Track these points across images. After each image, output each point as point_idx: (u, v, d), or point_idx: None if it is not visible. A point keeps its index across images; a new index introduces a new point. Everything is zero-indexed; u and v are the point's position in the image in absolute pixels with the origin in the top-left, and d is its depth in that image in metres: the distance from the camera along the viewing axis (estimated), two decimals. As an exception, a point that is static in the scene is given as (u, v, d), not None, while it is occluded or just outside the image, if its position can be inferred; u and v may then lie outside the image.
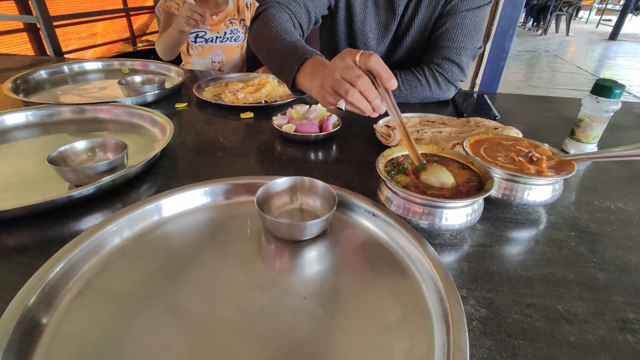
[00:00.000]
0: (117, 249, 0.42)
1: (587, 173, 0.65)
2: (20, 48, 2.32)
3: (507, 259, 0.44)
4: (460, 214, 0.43)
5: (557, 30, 7.88)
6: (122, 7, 2.98)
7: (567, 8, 7.44)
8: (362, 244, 0.44)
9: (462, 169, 0.50)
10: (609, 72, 4.89)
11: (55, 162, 0.54)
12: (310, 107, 0.77)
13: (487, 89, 1.92)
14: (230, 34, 1.47)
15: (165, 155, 0.65)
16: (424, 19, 0.90)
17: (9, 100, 0.83)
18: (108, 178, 0.51)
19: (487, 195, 0.43)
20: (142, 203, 0.46)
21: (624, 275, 0.42)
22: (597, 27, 8.99)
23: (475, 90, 1.89)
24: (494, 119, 0.82)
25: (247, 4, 1.49)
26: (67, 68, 1.09)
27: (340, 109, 0.54)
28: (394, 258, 0.42)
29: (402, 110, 0.81)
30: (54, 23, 2.02)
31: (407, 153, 0.52)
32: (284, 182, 0.49)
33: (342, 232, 0.46)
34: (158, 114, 0.72)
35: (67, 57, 2.16)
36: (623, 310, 0.37)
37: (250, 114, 0.84)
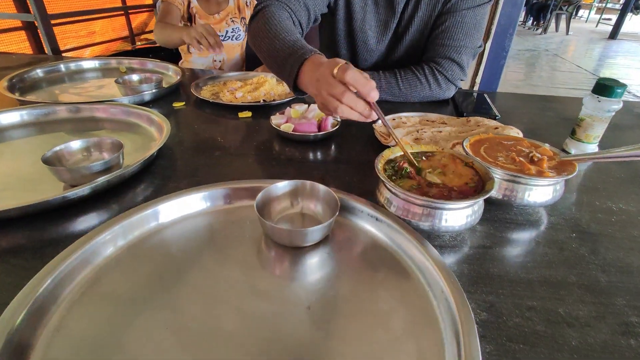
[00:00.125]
0: (111, 259, 0.40)
1: (588, 173, 0.64)
2: (19, 46, 2.31)
3: (507, 261, 0.43)
4: (461, 215, 0.43)
5: (557, 29, 7.87)
6: (120, 5, 2.96)
7: (567, 7, 7.43)
8: (365, 250, 0.43)
9: (465, 166, 0.49)
10: (609, 71, 4.88)
11: (50, 162, 0.53)
12: (309, 106, 0.77)
13: (487, 88, 1.92)
14: (232, 33, 1.46)
15: (162, 155, 0.64)
16: (424, 17, 0.90)
17: (5, 99, 0.83)
18: (103, 178, 0.50)
19: (487, 196, 0.42)
20: (137, 209, 0.44)
21: (626, 278, 0.41)
22: (597, 26, 8.98)
23: (475, 90, 1.88)
24: (494, 119, 0.82)
25: (246, 2, 1.48)
26: (64, 67, 1.08)
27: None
28: (399, 264, 0.41)
29: (401, 110, 0.82)
30: (52, 21, 2.01)
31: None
32: (285, 185, 0.47)
33: (344, 237, 0.45)
34: (155, 113, 0.71)
35: (65, 55, 2.15)
36: (625, 314, 0.36)
37: (249, 113, 0.84)
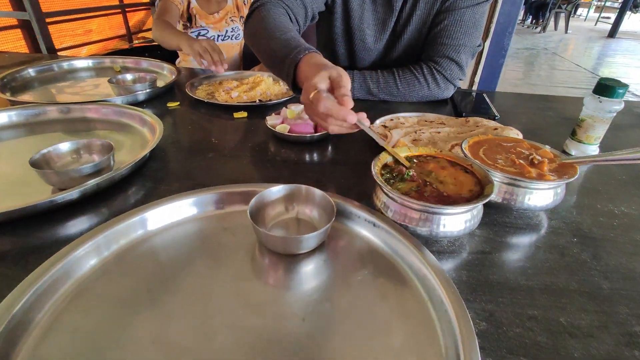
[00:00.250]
0: (95, 270, 0.38)
1: (588, 175, 0.63)
2: (15, 45, 2.28)
3: (507, 267, 0.42)
4: (459, 220, 0.42)
5: (556, 28, 7.86)
6: (117, 3, 2.94)
7: (566, 5, 7.43)
8: (361, 257, 0.42)
9: (465, 173, 0.48)
10: (608, 69, 4.87)
11: (38, 164, 0.51)
12: (305, 106, 0.75)
13: (485, 87, 1.91)
14: (232, 32, 1.45)
15: (155, 157, 0.63)
16: (423, 16, 0.88)
17: (-4, 99, 0.81)
18: (93, 181, 0.49)
19: (487, 201, 0.41)
20: (123, 217, 0.42)
21: (629, 284, 0.40)
22: (595, 24, 8.97)
23: (474, 89, 1.87)
24: (494, 119, 0.81)
25: (244, 1, 1.47)
26: (56, 66, 1.06)
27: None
28: (397, 272, 0.39)
29: (399, 109, 0.81)
30: (48, 19, 1.99)
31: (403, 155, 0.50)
32: (279, 190, 0.46)
33: (340, 243, 0.44)
34: (148, 114, 0.70)
35: (62, 54, 2.13)
36: (629, 323, 0.35)
37: (244, 114, 0.82)
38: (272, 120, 0.71)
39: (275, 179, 0.58)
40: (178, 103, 0.87)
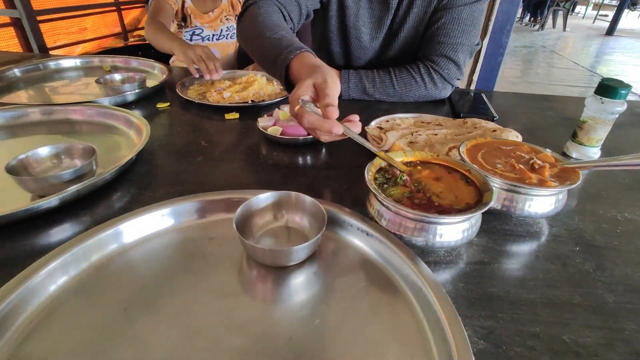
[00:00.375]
0: (66, 288, 0.35)
1: (590, 178, 0.61)
2: (7, 43, 2.24)
3: (507, 279, 0.40)
4: (457, 230, 0.40)
5: (554, 26, 7.84)
6: (112, 1, 2.90)
7: (564, 3, 7.41)
8: (354, 268, 0.40)
9: (467, 185, 0.45)
10: (606, 67, 4.86)
11: (15, 170, 0.49)
12: (299, 107, 0.73)
13: (483, 86, 1.89)
14: (227, 31, 1.42)
15: (141, 160, 0.60)
16: (419, 14, 0.86)
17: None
18: (73, 188, 0.46)
19: (486, 209, 0.39)
20: (96, 230, 0.39)
21: (635, 297, 0.38)
22: (593, 22, 8.95)
23: (472, 88, 1.85)
24: (492, 120, 0.78)
25: (239, -1, 1.44)
26: (42, 66, 1.03)
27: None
28: (390, 285, 0.37)
29: (396, 110, 0.78)
30: (40, 17, 1.95)
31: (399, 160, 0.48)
32: (267, 197, 0.43)
33: (332, 254, 0.41)
34: (134, 115, 0.67)
35: (56, 52, 2.09)
36: (636, 340, 0.33)
37: (236, 115, 0.80)
38: (264, 122, 0.69)
39: (266, 184, 0.56)
40: (168, 104, 0.85)
